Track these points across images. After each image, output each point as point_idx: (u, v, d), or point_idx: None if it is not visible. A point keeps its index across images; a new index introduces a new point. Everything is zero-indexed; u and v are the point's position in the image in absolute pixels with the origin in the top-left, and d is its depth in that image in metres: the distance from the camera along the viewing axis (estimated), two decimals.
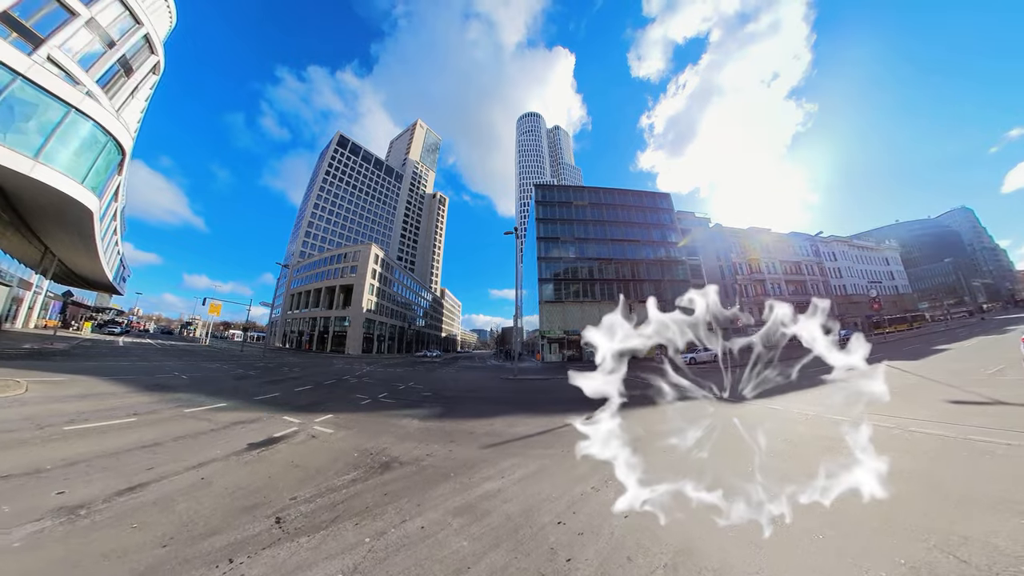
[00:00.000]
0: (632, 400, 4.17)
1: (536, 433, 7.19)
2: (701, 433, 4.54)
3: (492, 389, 14.54)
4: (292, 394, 11.21)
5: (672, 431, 4.57)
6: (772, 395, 9.89)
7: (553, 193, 51.65)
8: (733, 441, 5.66)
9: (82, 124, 21.18)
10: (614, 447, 3.47)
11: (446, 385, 15.56)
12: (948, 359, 15.61)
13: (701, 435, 4.55)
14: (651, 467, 3.99)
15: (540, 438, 6.85)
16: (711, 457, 4.66)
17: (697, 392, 4.19)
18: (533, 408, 10.02)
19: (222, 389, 11.22)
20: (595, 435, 3.49)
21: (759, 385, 4.20)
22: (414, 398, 11.37)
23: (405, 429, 7.33)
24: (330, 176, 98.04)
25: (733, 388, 4.82)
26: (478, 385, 16.15)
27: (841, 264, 65.99)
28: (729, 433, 5.94)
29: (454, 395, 12.35)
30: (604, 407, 3.47)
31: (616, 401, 3.37)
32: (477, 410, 9.62)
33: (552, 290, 43.78)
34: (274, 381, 14.10)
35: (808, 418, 7.78)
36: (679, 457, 4.48)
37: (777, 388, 10.77)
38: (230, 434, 6.34)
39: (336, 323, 57.71)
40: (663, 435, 5.84)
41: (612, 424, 3.57)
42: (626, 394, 3.44)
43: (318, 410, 8.80)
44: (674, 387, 4.18)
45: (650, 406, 9.52)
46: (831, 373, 2.96)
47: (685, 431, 4.56)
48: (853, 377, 2.90)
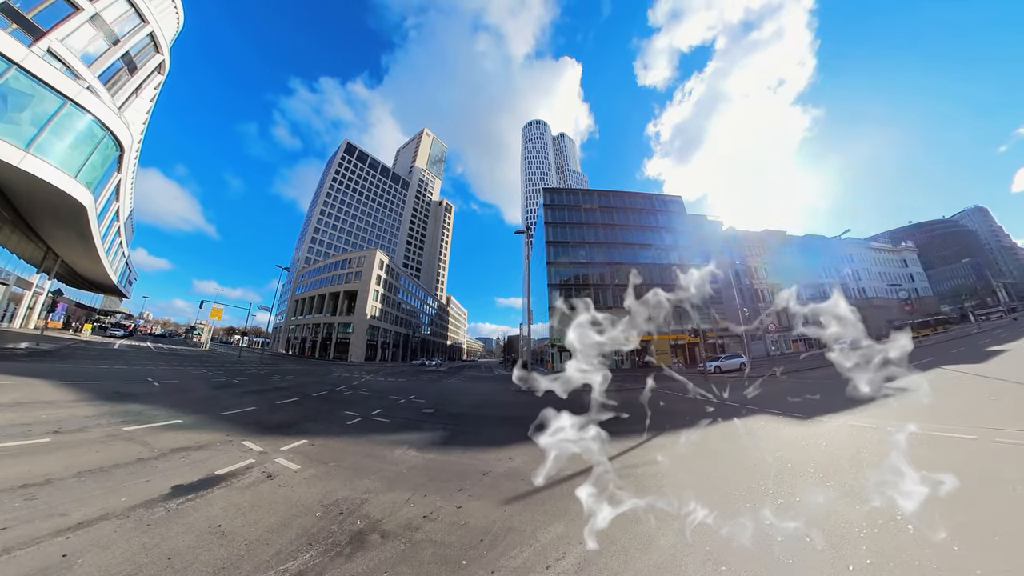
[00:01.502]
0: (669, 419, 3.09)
1: (576, 473, 5.25)
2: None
3: (503, 404, 12.79)
4: (270, 408, 9.67)
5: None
6: (840, 409, 8.29)
7: (561, 196, 50.56)
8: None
9: (79, 117, 20.55)
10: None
11: (451, 399, 13.94)
12: (1015, 360, 13.96)
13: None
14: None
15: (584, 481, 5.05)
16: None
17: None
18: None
19: (190, 400, 9.85)
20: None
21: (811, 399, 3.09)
22: (413, 416, 9.71)
23: (397, 465, 5.57)
24: (336, 183, 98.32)
25: (791, 403, 4.20)
26: (487, 399, 14.49)
27: (859, 267, 63.88)
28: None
29: (460, 412, 10.70)
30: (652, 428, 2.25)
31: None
32: (490, 434, 7.88)
33: (563, 296, 42.19)
34: (257, 391, 12.69)
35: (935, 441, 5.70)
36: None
37: (840, 400, 8.88)
38: (161, 467, 4.80)
39: (339, 329, 56.66)
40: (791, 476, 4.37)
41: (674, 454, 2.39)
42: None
43: (292, 432, 7.17)
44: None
45: (713, 424, 7.83)
46: (892, 381, 2.69)
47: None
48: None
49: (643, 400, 12.45)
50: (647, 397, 12.61)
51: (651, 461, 5.66)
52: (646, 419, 8.55)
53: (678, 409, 10.32)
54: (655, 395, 14.01)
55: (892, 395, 9.32)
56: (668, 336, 41.12)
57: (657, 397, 13.15)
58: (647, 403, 11.64)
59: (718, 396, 12.02)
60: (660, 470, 5.32)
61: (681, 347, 41.15)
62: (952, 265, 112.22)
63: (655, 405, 11.37)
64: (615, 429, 7.35)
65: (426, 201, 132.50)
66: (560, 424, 3.16)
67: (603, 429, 3.29)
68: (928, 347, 25.84)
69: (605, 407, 3.14)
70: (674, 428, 7.74)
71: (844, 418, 7.75)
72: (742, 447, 6.34)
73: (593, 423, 3.08)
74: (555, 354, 39.78)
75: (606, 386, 3.14)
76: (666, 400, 12.33)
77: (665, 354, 39.76)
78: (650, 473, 5.23)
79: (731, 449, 6.37)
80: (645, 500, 3.81)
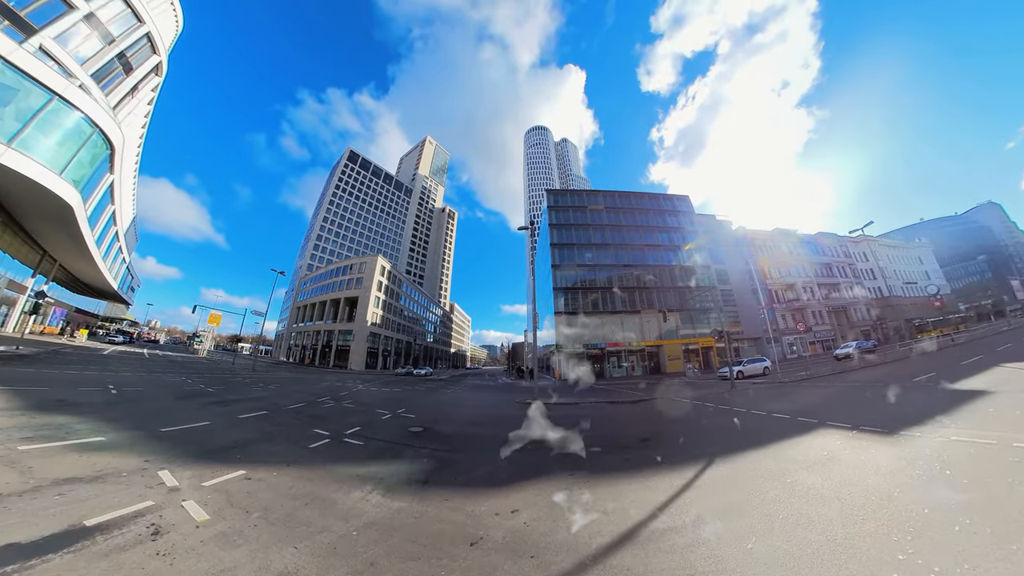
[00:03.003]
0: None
1: (618, 543, 3.32)
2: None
3: (506, 420, 10.71)
4: (228, 424, 8.24)
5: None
6: (924, 420, 6.80)
7: (566, 198, 49.42)
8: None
9: (66, 113, 19.88)
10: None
11: (446, 413, 12.10)
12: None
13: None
14: None
15: (632, 555, 3.10)
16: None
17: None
18: (580, 461, 5.91)
19: (135, 412, 8.58)
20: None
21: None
22: (396, 436, 7.92)
23: (348, 521, 3.86)
24: (339, 190, 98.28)
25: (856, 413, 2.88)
26: (487, 413, 12.67)
27: (874, 265, 61.97)
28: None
29: (454, 432, 8.82)
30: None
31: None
32: (489, 467, 5.82)
33: (569, 301, 40.55)
34: (225, 402, 11.32)
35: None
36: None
37: (914, 408, 6.91)
38: (18, 508, 3.53)
39: (340, 337, 55.51)
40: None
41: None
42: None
43: (233, 458, 5.68)
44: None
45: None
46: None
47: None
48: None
49: (676, 415, 10.50)
50: (678, 410, 10.71)
51: (712, 514, 3.86)
52: (688, 442, 7.12)
53: (720, 425, 8.83)
54: (686, 406, 12.53)
55: (973, 400, 8.02)
56: (680, 340, 39.50)
57: (691, 410, 11.63)
58: (683, 418, 10.25)
59: (760, 406, 10.61)
60: (734, 534, 3.41)
61: (694, 352, 39.42)
62: (966, 262, 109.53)
63: (692, 420, 9.84)
64: (651, 458, 5.66)
65: (429, 208, 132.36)
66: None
67: (638, 459, 2.08)
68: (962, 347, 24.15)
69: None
70: (727, 453, 6.16)
71: (939, 431, 6.22)
72: (840, 483, 4.55)
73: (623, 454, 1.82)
74: (561, 361, 38.09)
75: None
76: (701, 413, 10.79)
77: (678, 359, 38.02)
78: (716, 551, 3.13)
79: (826, 487, 4.42)
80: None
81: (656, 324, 39.68)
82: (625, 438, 7.92)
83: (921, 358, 19.34)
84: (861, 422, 7.31)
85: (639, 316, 39.67)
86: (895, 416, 7.58)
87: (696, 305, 40.77)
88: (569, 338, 38.37)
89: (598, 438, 7.60)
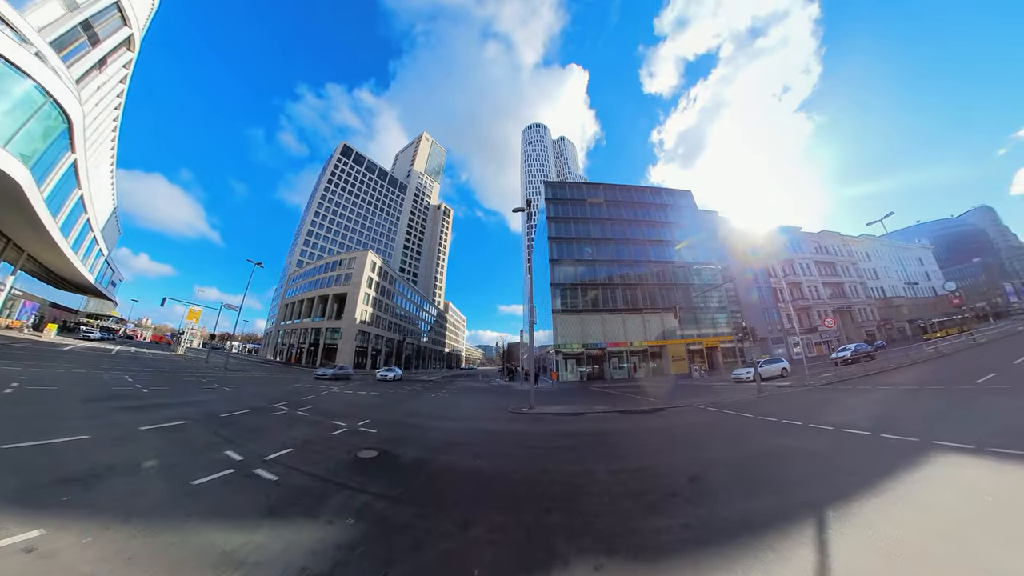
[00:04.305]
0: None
1: None
2: None
3: (493, 441, 8.24)
4: (112, 439, 6.18)
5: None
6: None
7: (565, 190, 47.59)
8: None
9: (14, 79, 17.71)
10: None
11: (418, 427, 9.45)
12: None
13: None
14: None
15: None
16: None
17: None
18: (611, 529, 3.64)
19: (4, 418, 6.71)
20: None
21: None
22: (329, 467, 5.58)
23: None
24: (332, 185, 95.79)
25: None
26: (470, 428, 10.01)
27: (876, 264, 61.12)
28: None
29: (416, 459, 6.26)
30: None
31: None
32: (451, 544, 3.41)
33: (568, 298, 38.48)
34: (145, 407, 9.23)
35: None
36: None
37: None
38: None
39: (327, 335, 53.16)
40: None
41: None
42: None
43: (50, 504, 3.71)
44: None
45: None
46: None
47: None
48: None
49: (713, 432, 8.32)
50: (710, 423, 8.33)
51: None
52: (760, 482, 5.23)
53: (785, 449, 6.67)
54: (716, 417, 10.49)
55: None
56: (684, 340, 37.92)
57: (726, 422, 9.64)
58: (725, 436, 8.10)
59: (814, 417, 8.74)
60: None
61: (698, 352, 37.84)
62: (962, 265, 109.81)
63: (739, 439, 7.86)
64: (724, 521, 3.62)
65: (424, 205, 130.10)
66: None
67: (703, 525, 1.92)
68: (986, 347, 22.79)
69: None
70: (837, 505, 3.87)
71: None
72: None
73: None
74: (559, 362, 36.27)
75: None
76: (743, 429, 8.72)
77: (682, 360, 36.38)
78: None
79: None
80: None
81: (659, 323, 38.06)
82: (665, 476, 5.38)
83: (955, 359, 17.88)
84: (980, 441, 5.43)
85: (641, 315, 37.95)
86: (1017, 428, 5.86)
87: (700, 304, 39.19)
88: (568, 337, 36.57)
89: (627, 475, 5.29)
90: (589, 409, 13.12)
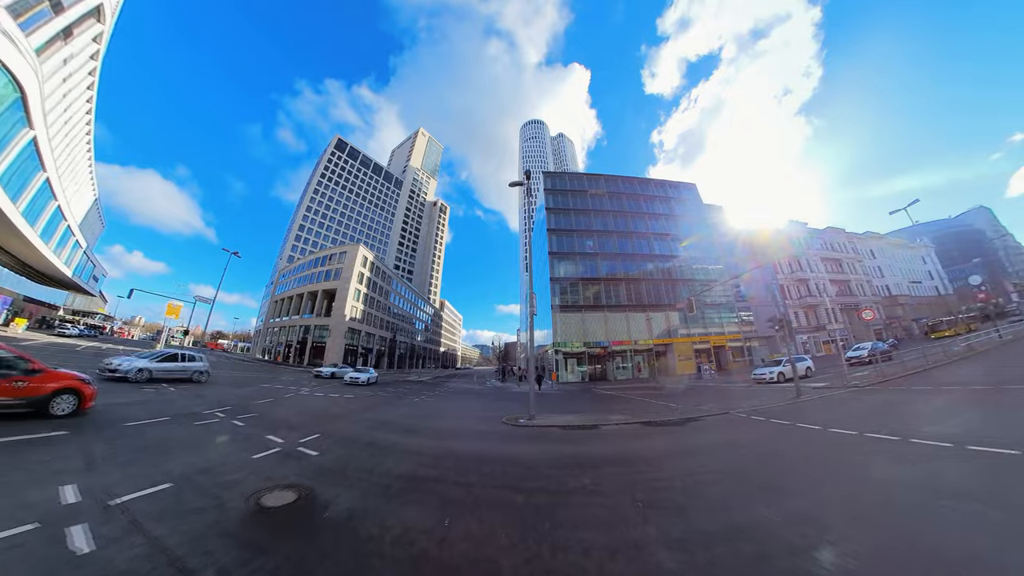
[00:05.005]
0: None
1: None
2: None
3: (477, 472, 5.67)
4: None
5: None
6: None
7: (564, 181, 45.61)
8: None
9: None
10: None
11: (380, 446, 7.20)
12: None
13: None
14: None
15: None
16: None
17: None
18: None
19: None
20: None
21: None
22: (206, 526, 3.47)
23: None
24: (325, 179, 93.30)
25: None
26: (449, 450, 7.19)
27: (881, 262, 59.83)
28: None
29: (357, 508, 4.14)
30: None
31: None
32: None
33: (568, 294, 36.36)
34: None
35: None
36: None
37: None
38: None
39: (316, 333, 50.91)
40: None
41: None
42: None
43: None
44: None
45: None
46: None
47: None
48: None
49: (780, 455, 5.86)
50: (762, 437, 6.01)
51: None
52: (914, 560, 3.02)
53: (908, 484, 4.80)
54: (769, 431, 8.41)
55: None
56: (691, 339, 36.09)
57: (786, 437, 7.55)
58: (800, 459, 5.90)
59: (902, 429, 6.72)
60: None
61: (704, 351, 36.01)
62: (962, 265, 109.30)
63: (823, 467, 5.89)
64: None
65: (420, 202, 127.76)
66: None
67: None
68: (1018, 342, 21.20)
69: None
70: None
71: None
72: None
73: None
74: (559, 361, 34.28)
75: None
76: (812, 444, 6.77)
77: (689, 359, 34.51)
78: None
79: None
80: None
81: (663, 320, 36.23)
82: (781, 554, 3.08)
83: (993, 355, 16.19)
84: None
85: (645, 312, 36.07)
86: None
87: (707, 300, 37.38)
88: (568, 336, 34.58)
89: (706, 551, 3.10)
90: (603, 419, 10.61)
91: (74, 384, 7.26)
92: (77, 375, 7.52)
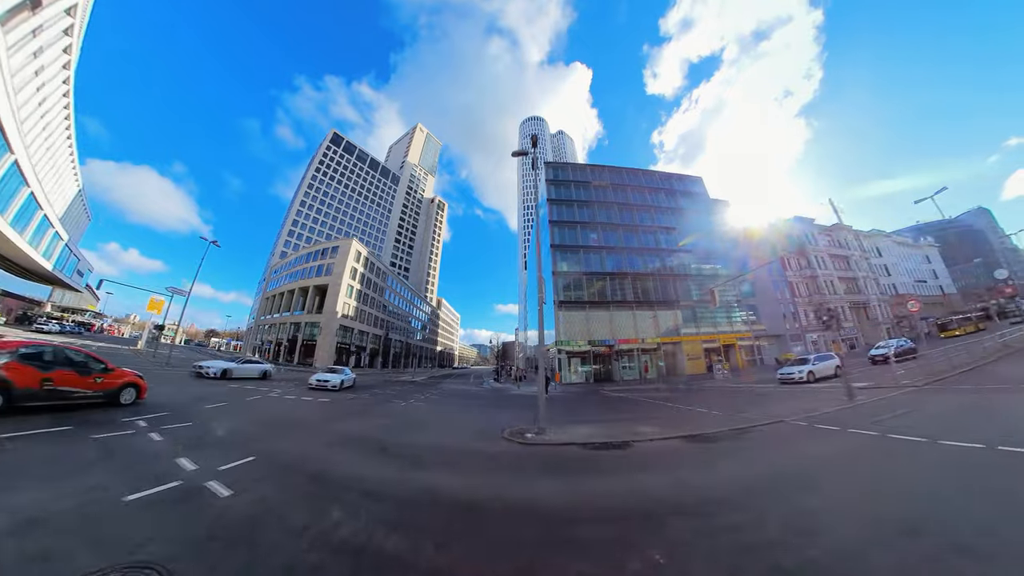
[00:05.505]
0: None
1: None
2: None
3: (463, 547, 3.32)
4: None
5: None
6: None
7: (567, 172, 44.00)
8: None
9: None
10: None
11: (329, 481, 4.91)
12: None
13: None
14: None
15: None
16: None
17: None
18: None
19: None
20: None
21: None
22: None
23: None
24: (320, 174, 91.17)
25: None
26: (428, 490, 4.69)
27: (887, 261, 58.79)
28: None
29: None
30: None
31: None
32: None
33: (572, 289, 34.66)
34: None
35: None
36: None
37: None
38: None
39: (307, 330, 48.93)
40: None
41: None
42: None
43: None
44: None
45: None
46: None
47: None
48: None
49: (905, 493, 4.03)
50: (853, 458, 6.75)
51: None
52: None
53: None
54: (852, 445, 6.63)
55: None
56: (700, 337, 34.55)
57: (890, 461, 5.73)
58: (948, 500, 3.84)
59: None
60: None
61: (715, 349, 34.48)
62: (963, 265, 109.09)
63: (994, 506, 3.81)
64: None
65: (417, 198, 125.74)
66: None
67: None
68: None
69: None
70: None
71: None
72: None
73: None
74: (562, 361, 32.56)
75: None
76: (945, 475, 5.02)
77: (699, 359, 32.96)
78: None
79: None
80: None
81: (672, 318, 34.67)
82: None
83: None
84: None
85: (652, 308, 34.45)
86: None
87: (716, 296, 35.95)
88: (572, 334, 32.88)
89: None
90: (631, 433, 8.31)
91: (134, 379, 9.10)
92: (135, 372, 9.37)
